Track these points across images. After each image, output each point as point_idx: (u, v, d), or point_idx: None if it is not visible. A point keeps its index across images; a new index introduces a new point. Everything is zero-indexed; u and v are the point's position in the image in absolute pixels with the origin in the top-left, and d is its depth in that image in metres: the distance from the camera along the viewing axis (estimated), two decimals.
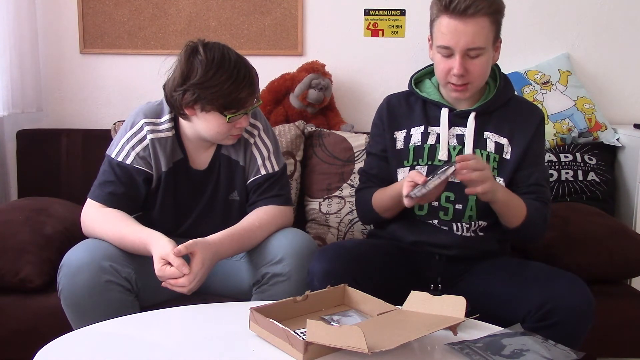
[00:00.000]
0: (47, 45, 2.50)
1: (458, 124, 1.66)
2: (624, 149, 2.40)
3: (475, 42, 1.53)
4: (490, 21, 1.54)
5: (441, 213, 1.63)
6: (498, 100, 1.66)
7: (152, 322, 1.36)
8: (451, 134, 1.66)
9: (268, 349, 1.19)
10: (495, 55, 1.63)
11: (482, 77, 1.60)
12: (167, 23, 2.50)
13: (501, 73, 1.71)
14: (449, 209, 1.63)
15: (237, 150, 1.74)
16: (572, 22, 2.57)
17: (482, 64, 1.57)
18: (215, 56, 1.56)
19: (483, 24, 1.53)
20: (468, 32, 1.52)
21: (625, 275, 2.01)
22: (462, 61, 1.54)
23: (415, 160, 1.67)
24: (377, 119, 1.79)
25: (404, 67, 2.52)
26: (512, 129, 1.65)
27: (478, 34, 1.53)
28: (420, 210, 1.66)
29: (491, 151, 1.64)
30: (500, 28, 1.61)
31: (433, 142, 1.66)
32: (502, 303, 1.51)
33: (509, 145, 1.64)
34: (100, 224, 1.62)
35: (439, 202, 1.63)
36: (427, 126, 1.68)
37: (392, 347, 1.09)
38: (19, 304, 1.76)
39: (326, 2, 2.53)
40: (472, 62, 1.56)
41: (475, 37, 1.53)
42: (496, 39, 1.60)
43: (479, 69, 1.57)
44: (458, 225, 1.63)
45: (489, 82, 1.69)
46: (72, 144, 2.35)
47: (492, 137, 1.65)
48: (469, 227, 1.63)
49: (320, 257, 1.53)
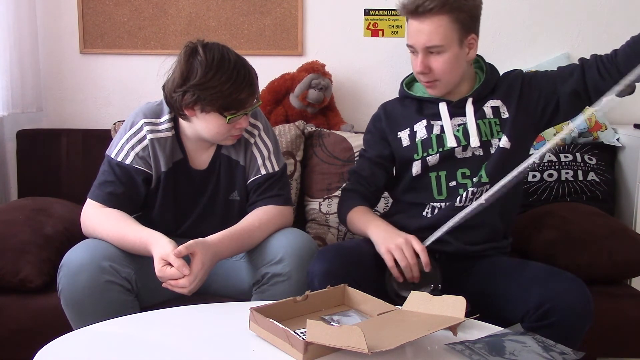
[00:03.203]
0: (47, 45, 2.50)
1: (458, 115, 1.69)
2: (624, 149, 2.40)
3: (432, 40, 1.59)
4: (450, 19, 1.58)
5: (460, 189, 1.65)
6: (489, 85, 1.71)
7: (152, 322, 1.36)
8: (453, 124, 1.69)
9: (268, 349, 1.19)
10: (470, 52, 1.66)
11: (447, 73, 1.64)
12: (167, 23, 2.50)
13: (486, 63, 1.75)
14: (467, 183, 1.65)
15: (238, 150, 1.74)
16: (572, 22, 2.57)
17: (445, 60, 1.61)
18: (214, 57, 1.56)
19: (439, 23, 1.58)
20: (424, 31, 1.59)
21: (625, 275, 2.00)
22: (424, 59, 1.62)
23: (425, 152, 1.69)
24: (371, 126, 1.82)
25: (404, 67, 2.51)
26: (504, 93, 1.70)
27: (434, 32, 1.58)
28: (440, 195, 1.67)
29: (490, 117, 1.68)
30: (471, 25, 1.63)
31: (438, 132, 1.69)
32: (501, 303, 1.52)
33: (504, 105, 1.69)
34: (101, 224, 1.62)
35: (456, 180, 1.66)
36: (429, 120, 1.71)
37: (392, 347, 1.09)
38: (19, 304, 1.76)
39: (326, 2, 2.53)
40: (435, 59, 1.62)
41: (431, 36, 1.59)
42: (464, 36, 1.62)
43: (440, 65, 1.62)
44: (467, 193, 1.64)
45: (477, 73, 1.75)
46: (72, 144, 2.35)
47: (488, 104, 1.69)
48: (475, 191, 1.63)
49: (320, 257, 1.53)
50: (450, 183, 1.66)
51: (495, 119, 1.68)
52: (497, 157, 1.65)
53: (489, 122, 1.68)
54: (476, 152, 1.66)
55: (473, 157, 1.66)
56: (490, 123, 1.68)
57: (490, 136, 1.67)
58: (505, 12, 2.56)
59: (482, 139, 1.66)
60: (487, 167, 1.64)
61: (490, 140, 1.67)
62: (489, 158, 1.65)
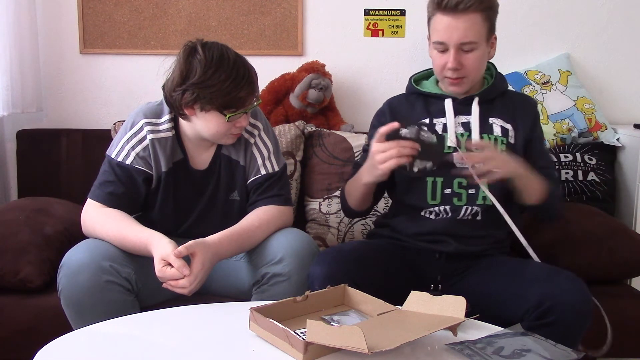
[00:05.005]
0: (47, 45, 2.50)
1: (463, 112, 1.70)
2: (624, 149, 2.40)
3: (468, 36, 1.60)
4: (482, 17, 1.62)
5: (455, 199, 1.65)
6: (497, 88, 1.74)
7: (152, 322, 1.36)
8: (457, 122, 1.70)
9: (268, 349, 1.19)
10: (491, 51, 1.70)
11: (476, 70, 1.66)
12: (167, 23, 2.50)
13: (497, 71, 1.78)
14: (462, 194, 1.65)
15: (238, 150, 1.74)
16: (572, 22, 2.57)
17: (476, 57, 1.64)
18: (214, 56, 1.56)
19: (474, 20, 1.60)
20: (460, 27, 1.60)
21: (625, 275, 2.01)
22: (457, 55, 1.62)
23: None
24: (376, 121, 1.82)
25: (404, 67, 2.53)
26: (514, 116, 1.72)
27: (470, 29, 1.60)
28: (433, 200, 1.67)
29: (498, 135, 1.69)
30: (494, 25, 1.68)
31: (440, 131, 1.69)
32: (501, 302, 1.52)
33: (513, 131, 1.70)
34: (101, 224, 1.62)
35: (451, 188, 1.66)
36: (432, 118, 1.72)
37: (392, 347, 1.09)
38: (19, 304, 1.76)
39: (326, 2, 2.53)
40: (466, 56, 1.63)
41: (467, 32, 1.60)
42: (490, 35, 1.67)
43: (472, 62, 1.64)
44: (467, 209, 1.64)
45: (486, 78, 1.77)
46: (72, 144, 2.35)
47: (498, 122, 1.70)
48: (478, 211, 1.64)
49: (320, 261, 1.53)
50: (445, 190, 1.66)
51: (503, 138, 1.69)
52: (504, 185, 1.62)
53: (495, 139, 1.68)
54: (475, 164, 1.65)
55: None
56: (497, 140, 1.68)
57: None
58: (505, 12, 2.53)
59: None
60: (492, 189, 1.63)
61: None
62: None
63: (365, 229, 2.20)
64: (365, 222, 2.20)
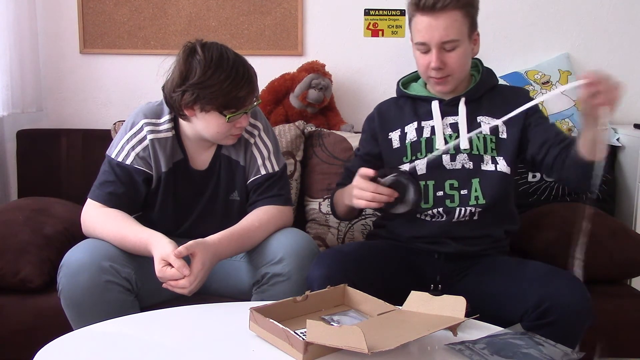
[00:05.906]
0: (47, 45, 2.50)
1: (450, 114, 1.70)
2: (624, 149, 2.40)
3: (449, 35, 1.60)
4: (462, 14, 1.61)
5: (447, 201, 1.65)
6: (484, 85, 1.73)
7: (152, 322, 1.36)
8: (445, 123, 1.70)
9: (268, 349, 1.19)
10: (474, 48, 1.69)
11: (460, 68, 1.66)
12: (167, 23, 2.50)
13: (483, 66, 1.77)
14: (455, 195, 1.65)
15: (238, 150, 1.74)
16: (572, 22, 2.57)
17: (459, 55, 1.63)
18: (213, 56, 1.56)
19: (454, 17, 1.60)
20: (440, 27, 1.59)
21: (625, 275, 2.00)
22: (439, 55, 1.61)
23: (414, 155, 1.70)
24: (366, 126, 1.85)
25: (404, 67, 2.51)
26: (504, 110, 1.65)
27: (450, 27, 1.59)
28: (426, 204, 1.67)
29: (487, 133, 1.67)
30: (475, 21, 1.67)
31: (428, 134, 1.70)
32: (501, 302, 1.52)
33: (504, 125, 1.68)
34: (101, 224, 1.62)
35: (443, 190, 1.65)
36: (420, 121, 1.72)
37: (392, 347, 1.09)
38: (19, 304, 1.76)
39: (326, 2, 2.53)
40: (449, 55, 1.62)
41: (447, 31, 1.59)
42: (472, 32, 1.66)
43: (455, 60, 1.63)
44: (462, 211, 1.64)
45: (473, 74, 1.76)
46: (72, 144, 2.35)
47: (486, 120, 1.69)
48: (473, 211, 1.64)
49: (319, 262, 1.53)
50: (437, 193, 1.66)
51: (492, 137, 1.68)
52: (498, 182, 1.64)
53: (483, 138, 1.67)
54: (466, 165, 1.66)
55: (462, 169, 1.66)
56: (485, 139, 1.67)
57: (484, 152, 1.67)
58: (505, 12, 2.56)
59: (472, 152, 1.66)
60: (484, 189, 1.64)
61: (483, 156, 1.66)
62: (478, 173, 1.65)
63: (365, 229, 2.20)
64: (365, 222, 2.21)
